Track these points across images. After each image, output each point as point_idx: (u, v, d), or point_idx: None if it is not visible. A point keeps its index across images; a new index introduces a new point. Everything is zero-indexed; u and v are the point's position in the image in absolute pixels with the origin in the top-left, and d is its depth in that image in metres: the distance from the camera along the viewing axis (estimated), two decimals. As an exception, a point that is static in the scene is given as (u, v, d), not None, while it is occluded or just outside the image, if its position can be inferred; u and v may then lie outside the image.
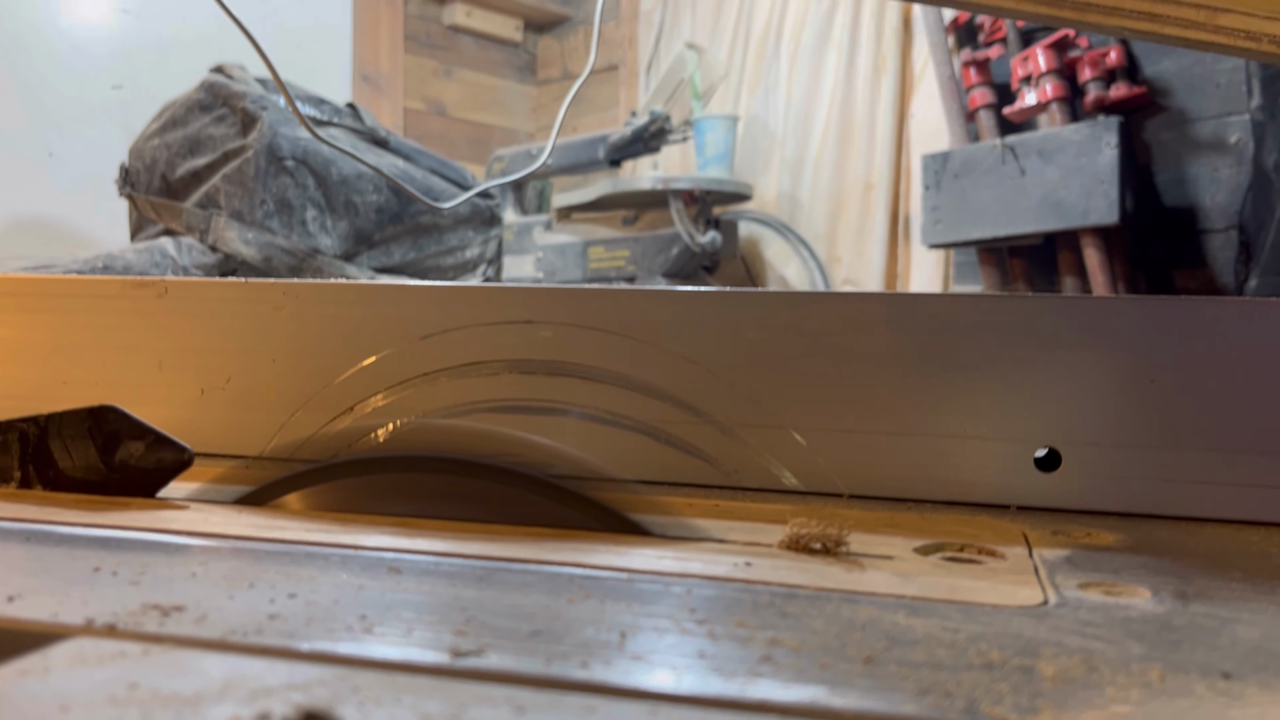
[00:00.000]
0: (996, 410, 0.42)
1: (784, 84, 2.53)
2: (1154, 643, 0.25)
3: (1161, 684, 0.22)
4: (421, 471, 0.40)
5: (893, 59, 2.33)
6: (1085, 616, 0.28)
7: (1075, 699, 0.21)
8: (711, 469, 0.43)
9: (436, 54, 2.90)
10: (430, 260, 1.81)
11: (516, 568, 0.31)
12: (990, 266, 2.01)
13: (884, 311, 0.42)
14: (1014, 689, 0.22)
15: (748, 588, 0.29)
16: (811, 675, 0.22)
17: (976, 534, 0.37)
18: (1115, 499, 0.41)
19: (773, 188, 2.54)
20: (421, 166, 1.85)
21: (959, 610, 0.28)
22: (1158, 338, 0.40)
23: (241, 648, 0.22)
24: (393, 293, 0.44)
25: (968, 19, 2.10)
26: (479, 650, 0.23)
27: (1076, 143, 1.76)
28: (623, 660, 0.23)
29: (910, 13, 2.31)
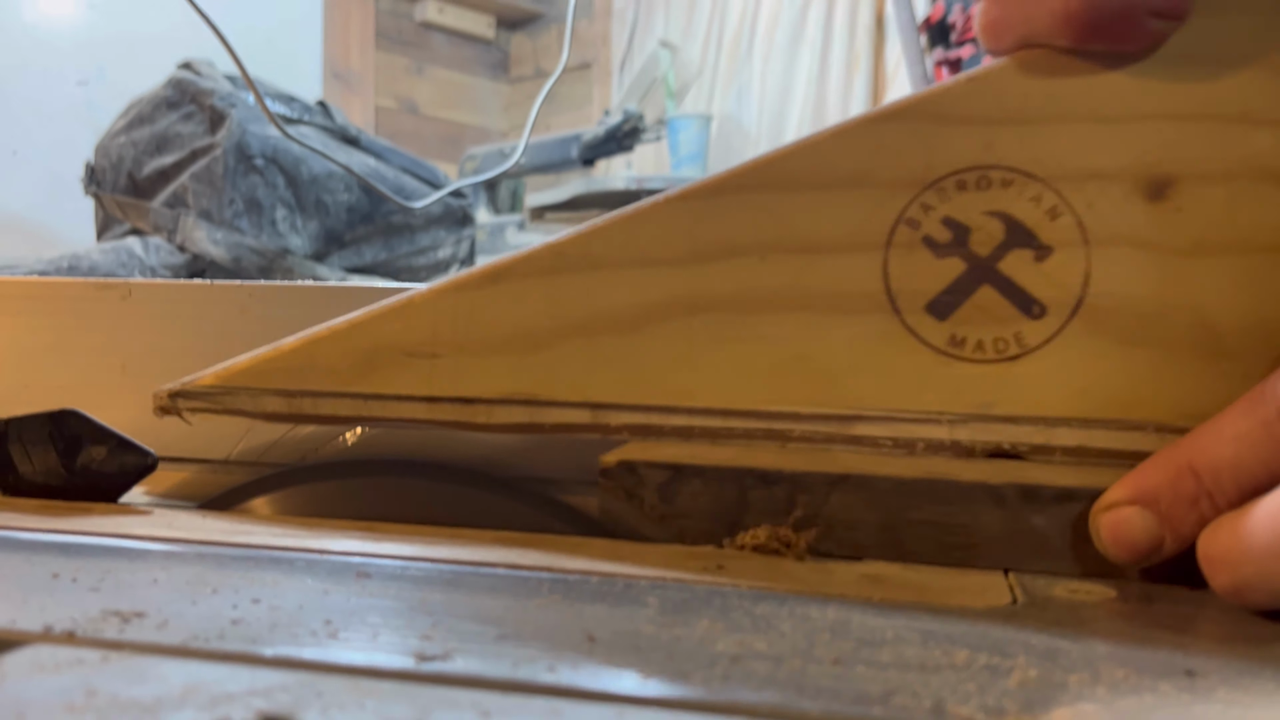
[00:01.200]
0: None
1: (758, 83, 2.54)
2: (1119, 641, 0.26)
3: (1126, 682, 0.22)
4: (390, 475, 0.40)
5: (866, 58, 2.34)
6: (1053, 615, 0.28)
7: (1041, 698, 0.21)
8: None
9: (408, 51, 2.89)
10: (402, 260, 1.80)
11: (485, 571, 0.31)
12: (961, 265, 2.02)
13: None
14: (980, 689, 0.22)
15: (717, 589, 0.29)
16: (779, 677, 0.22)
17: (945, 533, 0.37)
18: (1083, 497, 0.41)
19: (746, 187, 2.55)
20: (393, 165, 1.84)
21: (927, 611, 0.28)
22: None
23: (203, 654, 0.22)
24: (358, 294, 0.44)
25: (940, 18, 2.11)
26: (445, 654, 0.23)
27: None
28: (591, 664, 0.23)
29: (883, 11, 2.33)
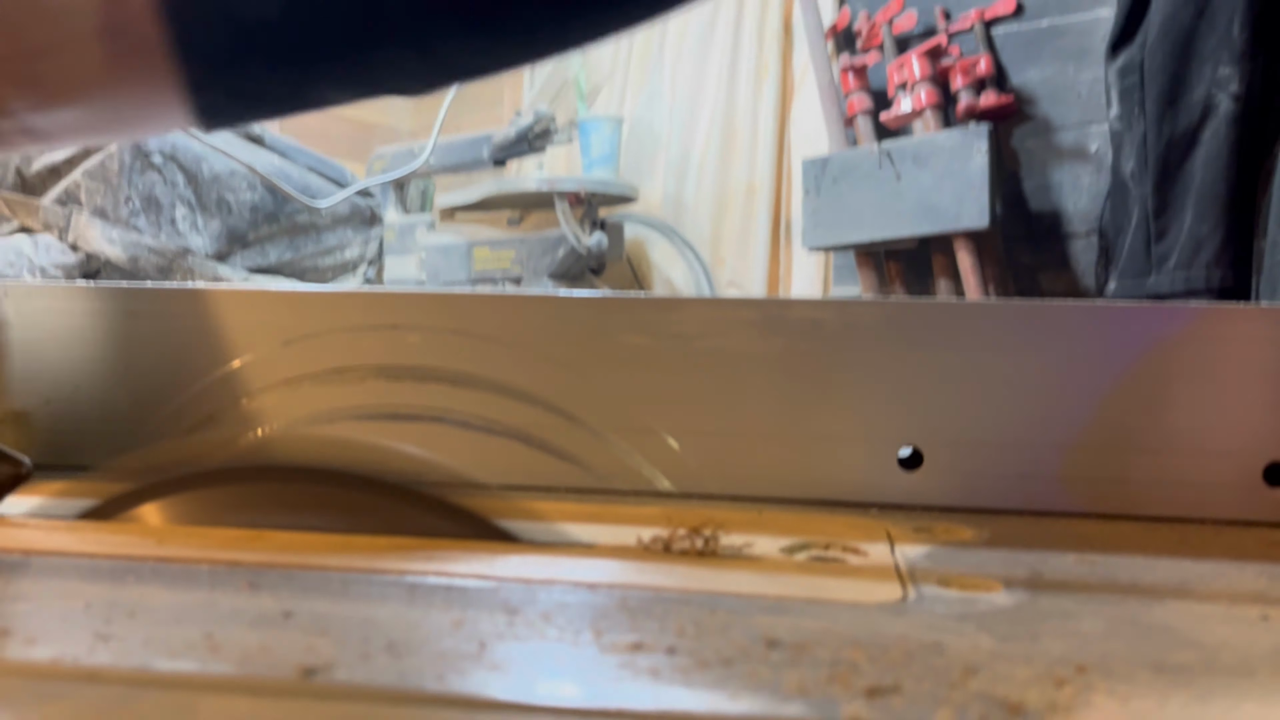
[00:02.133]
0: (862, 411, 0.43)
1: (668, 87, 2.55)
2: (1004, 635, 0.26)
3: (1010, 675, 0.23)
4: (283, 482, 0.39)
5: (774, 63, 2.37)
6: (941, 610, 0.28)
7: (926, 693, 0.22)
8: (584, 473, 0.43)
9: (315, 49, 2.83)
10: (308, 261, 1.76)
11: (377, 579, 0.30)
12: (867, 269, 2.06)
13: (753, 316, 0.43)
14: (869, 686, 0.22)
15: (613, 592, 0.29)
16: (672, 679, 0.22)
17: (842, 532, 0.38)
18: (975, 496, 0.42)
19: (658, 190, 2.56)
20: (299, 164, 1.80)
21: (820, 608, 0.28)
22: (1013, 340, 0.41)
23: (71, 672, 0.21)
24: (252, 297, 0.43)
25: (846, 25, 2.15)
26: (329, 666, 0.22)
27: (949, 149, 1.82)
28: (480, 671, 0.22)
29: (791, 18, 2.36)
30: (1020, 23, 1.97)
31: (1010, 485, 0.42)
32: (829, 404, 0.43)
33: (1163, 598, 0.30)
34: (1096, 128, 1.89)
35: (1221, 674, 0.23)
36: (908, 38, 2.07)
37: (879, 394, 0.43)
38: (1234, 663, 0.24)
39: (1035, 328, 0.41)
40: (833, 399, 0.43)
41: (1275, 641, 0.26)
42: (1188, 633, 0.26)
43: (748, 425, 0.43)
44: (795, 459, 0.43)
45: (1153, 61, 1.48)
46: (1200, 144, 1.46)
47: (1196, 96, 1.45)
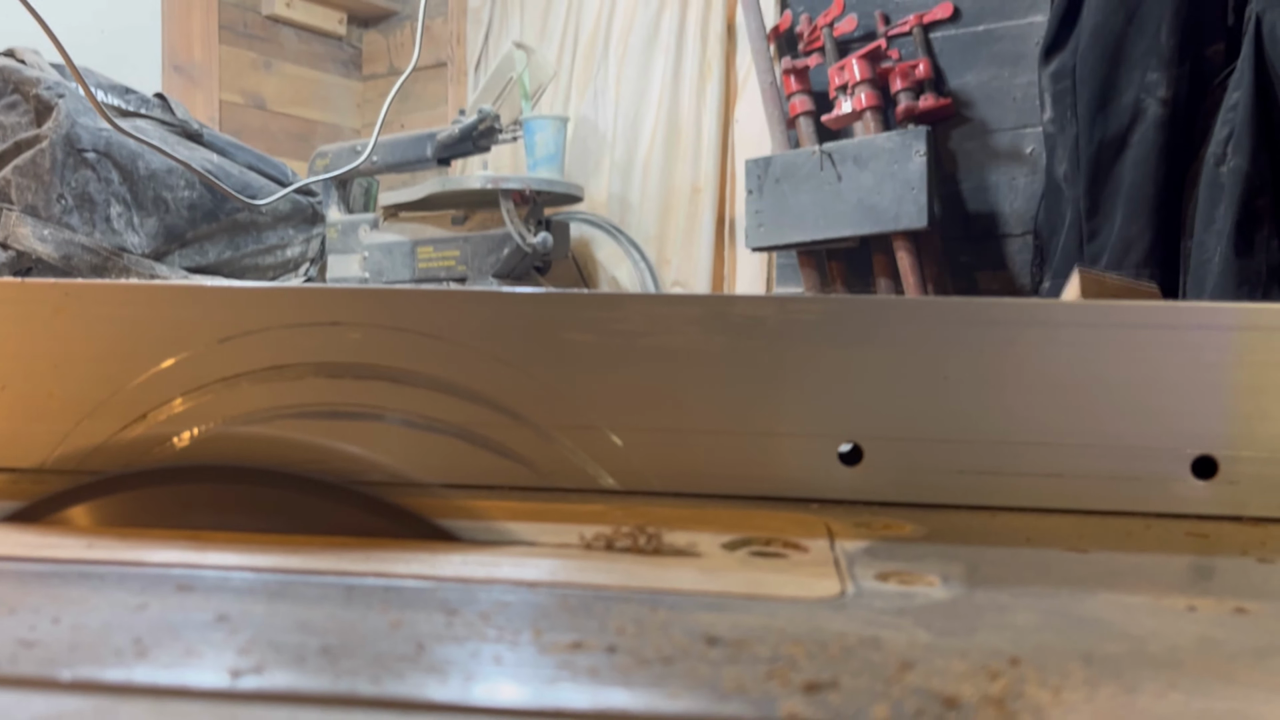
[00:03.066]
0: (803, 407, 0.43)
1: (613, 86, 2.55)
2: (940, 630, 0.26)
3: (945, 669, 0.23)
4: (218, 482, 0.38)
5: (717, 65, 2.38)
6: (879, 605, 0.29)
7: (863, 689, 0.22)
8: (528, 471, 0.43)
9: (254, 45, 2.78)
10: (248, 259, 1.73)
11: (314, 580, 0.29)
12: (810, 269, 2.08)
13: (695, 313, 0.43)
14: (807, 682, 0.22)
15: (554, 591, 0.29)
16: (611, 679, 0.22)
17: (783, 528, 0.38)
18: (914, 491, 0.43)
19: (603, 189, 2.55)
20: (238, 162, 1.77)
21: (760, 604, 0.28)
22: (951, 336, 0.42)
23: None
24: (186, 294, 0.42)
25: (788, 28, 2.16)
26: (260, 669, 0.22)
27: (889, 150, 1.84)
28: (416, 673, 0.22)
29: (734, 19, 2.37)
30: (957, 27, 2.01)
31: (948, 480, 0.43)
32: (771, 400, 0.43)
33: (1094, 590, 0.31)
34: (1031, 130, 1.92)
35: (1149, 664, 0.24)
36: (848, 41, 2.09)
37: (820, 390, 0.43)
38: (1161, 653, 0.25)
39: (973, 325, 0.42)
40: (774, 395, 0.43)
41: (1201, 632, 0.27)
42: (1117, 624, 0.27)
43: (691, 422, 0.43)
44: (738, 455, 0.43)
45: (1084, 67, 1.52)
46: (1129, 147, 1.49)
47: (1126, 101, 1.49)
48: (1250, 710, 0.21)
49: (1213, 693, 0.22)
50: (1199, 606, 0.29)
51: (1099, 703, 0.21)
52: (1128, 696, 0.22)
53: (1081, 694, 0.22)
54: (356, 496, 0.35)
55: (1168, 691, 0.22)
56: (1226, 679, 0.23)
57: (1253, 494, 0.41)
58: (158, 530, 0.36)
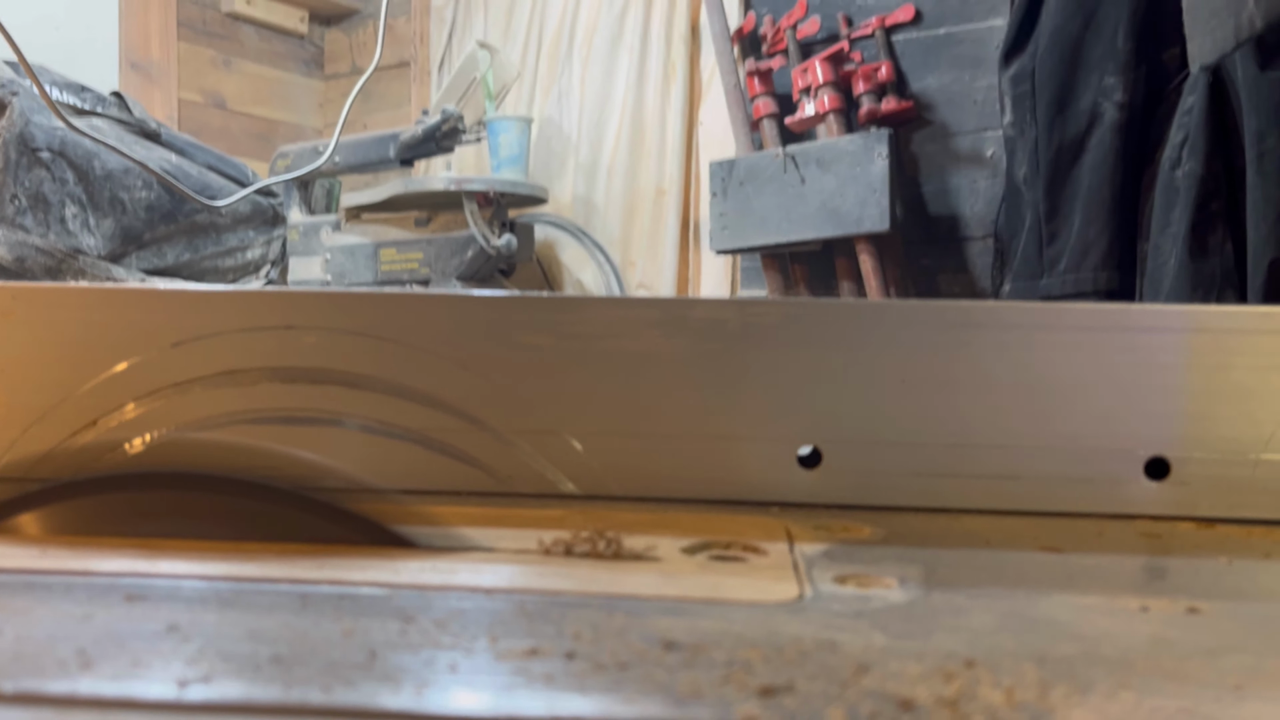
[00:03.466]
0: (763, 411, 0.43)
1: (577, 88, 2.55)
2: (897, 632, 0.27)
3: (901, 672, 0.23)
4: (171, 489, 0.37)
5: (682, 66, 2.39)
6: (837, 609, 0.29)
7: (819, 692, 0.22)
8: (487, 477, 0.42)
9: (214, 43, 2.75)
10: (208, 261, 1.71)
11: (267, 588, 0.29)
12: (773, 271, 2.08)
13: (655, 316, 0.43)
14: (763, 686, 0.22)
15: (511, 597, 0.29)
16: (567, 685, 0.22)
17: (742, 531, 0.38)
18: (873, 493, 0.43)
19: (568, 191, 2.55)
20: (197, 162, 1.75)
21: (718, 609, 0.28)
22: (908, 339, 0.42)
23: (-71, 695, 0.20)
24: (137, 297, 0.41)
25: (751, 30, 2.17)
26: (209, 679, 0.21)
27: (851, 153, 1.85)
28: (369, 682, 0.22)
29: (698, 20, 2.37)
30: (919, 30, 2.02)
31: (907, 483, 0.43)
32: (731, 403, 0.43)
33: (1049, 591, 0.31)
34: (992, 133, 1.95)
35: (1101, 664, 0.24)
36: (811, 43, 2.10)
37: (780, 393, 0.43)
38: (1113, 654, 0.25)
39: (930, 328, 0.42)
40: (735, 398, 0.43)
41: (1153, 631, 0.27)
42: (1071, 625, 0.27)
43: (651, 426, 0.43)
44: (698, 459, 0.43)
45: (1043, 70, 1.53)
46: (1087, 150, 1.51)
47: (1083, 105, 1.51)
48: (1200, 709, 0.22)
49: (1163, 692, 0.23)
50: (1152, 607, 0.29)
51: (1051, 703, 0.22)
52: (1080, 697, 0.22)
53: (1034, 694, 0.22)
54: (312, 503, 0.35)
55: (1119, 691, 0.22)
56: (1178, 679, 0.23)
57: (1203, 494, 0.42)
58: (108, 539, 0.35)
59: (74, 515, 0.38)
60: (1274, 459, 0.41)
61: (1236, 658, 0.25)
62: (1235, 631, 0.27)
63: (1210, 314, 0.42)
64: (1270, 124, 1.36)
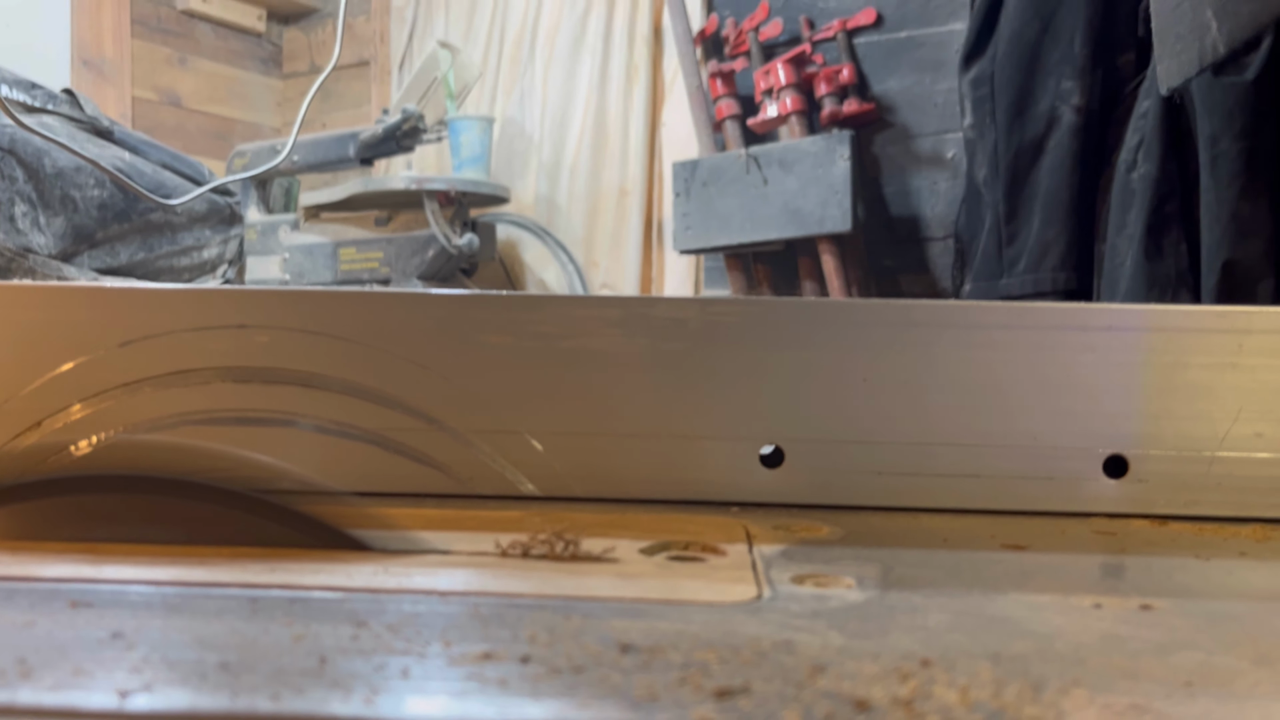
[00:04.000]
0: (725, 410, 0.43)
1: (540, 87, 2.54)
2: (854, 632, 0.26)
3: (857, 672, 0.23)
4: (119, 491, 0.36)
5: (644, 67, 2.38)
6: (794, 609, 0.29)
7: (774, 693, 0.22)
8: (445, 478, 0.42)
9: (169, 40, 2.71)
10: (163, 261, 1.69)
11: (216, 593, 0.28)
12: (736, 271, 2.09)
13: (616, 315, 0.42)
14: (719, 688, 0.22)
15: (466, 600, 0.28)
16: (520, 689, 0.22)
17: (702, 532, 0.38)
18: (833, 493, 0.43)
19: (530, 191, 2.54)
20: (151, 160, 1.72)
21: (676, 610, 0.28)
22: (869, 339, 0.42)
23: None
24: (84, 295, 0.40)
25: (714, 31, 2.18)
26: (152, 687, 0.21)
27: (813, 154, 1.86)
28: (319, 688, 0.21)
29: (661, 22, 2.37)
30: (880, 33, 2.04)
31: (867, 482, 0.43)
32: (692, 403, 0.43)
33: (1005, 590, 0.31)
34: (952, 136, 1.96)
35: (1054, 662, 0.24)
36: (773, 45, 2.11)
37: (741, 392, 0.43)
38: (1066, 651, 0.25)
39: (890, 327, 0.42)
40: (696, 398, 0.43)
41: (1106, 628, 0.27)
42: (1025, 623, 0.27)
43: (612, 426, 0.43)
44: (659, 459, 0.43)
45: (1002, 74, 1.55)
46: (1046, 153, 1.53)
47: (1042, 108, 1.53)
48: (1151, 705, 0.22)
49: (1115, 689, 0.23)
50: (1105, 604, 0.29)
51: (1004, 701, 0.22)
52: (1033, 694, 0.22)
53: (988, 693, 0.22)
54: (264, 505, 0.34)
55: (1071, 689, 0.23)
56: (1129, 675, 0.24)
57: (1160, 492, 0.42)
58: (53, 544, 0.34)
59: (17, 520, 0.37)
60: (1227, 456, 0.42)
61: (1187, 654, 0.25)
62: (1186, 628, 0.27)
63: (1165, 313, 0.42)
64: (1223, 128, 1.38)
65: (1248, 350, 0.41)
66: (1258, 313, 0.41)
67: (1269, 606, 0.30)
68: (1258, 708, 0.22)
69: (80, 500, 0.37)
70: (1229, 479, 0.42)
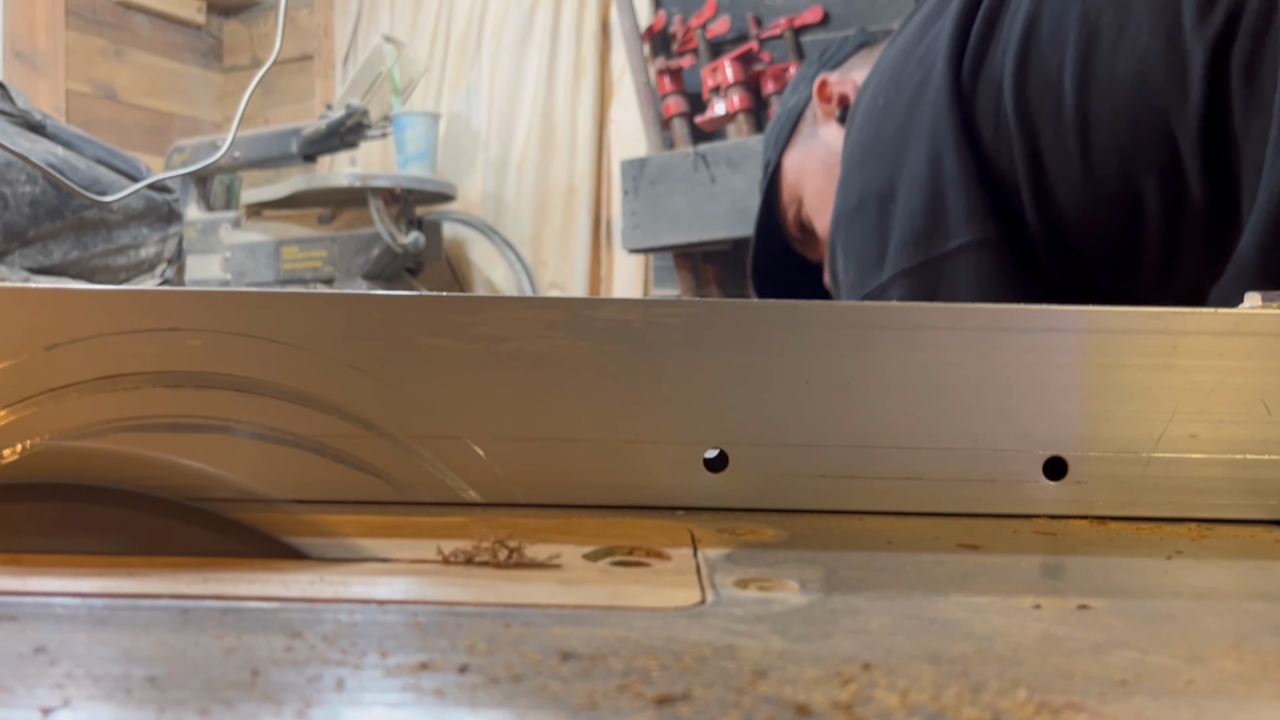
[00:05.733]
0: (670, 413, 0.43)
1: (486, 83, 2.52)
2: (796, 636, 0.26)
3: (798, 676, 0.23)
4: (45, 500, 0.35)
5: (592, 63, 2.38)
6: (737, 613, 0.28)
7: (715, 699, 0.22)
8: (385, 485, 0.41)
9: (105, 32, 2.65)
10: (98, 260, 1.65)
11: (146, 604, 0.28)
12: (685, 271, 2.09)
13: (559, 316, 0.42)
14: (659, 695, 0.22)
15: (404, 609, 0.28)
16: (458, 700, 0.21)
17: (646, 536, 0.37)
18: (778, 496, 0.43)
19: (477, 189, 2.52)
20: (86, 156, 1.68)
21: (617, 616, 0.28)
22: (812, 340, 0.42)
23: None
24: (8, 296, 0.39)
25: (662, 28, 2.18)
26: (73, 703, 0.20)
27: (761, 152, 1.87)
28: (249, 702, 0.21)
29: (608, 18, 2.37)
30: (827, 31, 2.05)
31: (811, 485, 0.43)
32: (637, 406, 0.43)
33: (947, 592, 0.31)
34: (897, 136, 1.98)
35: (994, 663, 0.24)
36: (721, 42, 2.12)
37: (686, 395, 0.43)
38: (1006, 652, 0.25)
39: (833, 329, 0.43)
40: (641, 401, 0.43)
41: (1044, 629, 0.27)
42: (965, 625, 0.28)
43: (556, 430, 0.43)
44: (604, 464, 0.43)
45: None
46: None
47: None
48: (1086, 704, 0.22)
49: (1053, 688, 0.23)
50: (1045, 604, 0.30)
51: (944, 703, 0.22)
52: (972, 695, 0.22)
53: (928, 695, 0.22)
54: (197, 513, 0.33)
55: (1010, 689, 0.23)
56: (1066, 675, 0.24)
57: (1099, 493, 0.43)
58: (-25, 554, 0.33)
59: (-60, 529, 0.36)
60: (1164, 457, 0.43)
61: (1123, 653, 0.25)
62: (1122, 627, 0.28)
63: (1102, 315, 0.43)
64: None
65: (1181, 351, 0.42)
66: (1191, 314, 0.42)
67: (1203, 605, 0.30)
68: (1190, 704, 0.22)
69: (4, 510, 0.35)
70: (1165, 480, 0.43)
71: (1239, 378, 0.42)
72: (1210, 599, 0.31)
